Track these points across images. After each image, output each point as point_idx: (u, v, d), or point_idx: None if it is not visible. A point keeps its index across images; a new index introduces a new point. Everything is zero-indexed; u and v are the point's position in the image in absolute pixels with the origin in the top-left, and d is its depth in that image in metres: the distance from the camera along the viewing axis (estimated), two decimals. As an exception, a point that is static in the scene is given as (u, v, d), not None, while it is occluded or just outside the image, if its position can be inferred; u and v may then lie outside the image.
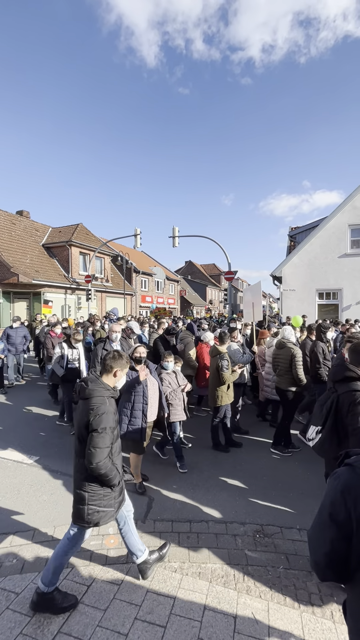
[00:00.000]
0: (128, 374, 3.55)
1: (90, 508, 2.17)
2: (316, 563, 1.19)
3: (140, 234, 18.58)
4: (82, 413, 2.16)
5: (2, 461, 4.36)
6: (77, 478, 2.23)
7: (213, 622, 2.12)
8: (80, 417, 2.17)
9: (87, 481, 2.18)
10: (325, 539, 1.13)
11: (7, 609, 2.19)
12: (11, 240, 18.51)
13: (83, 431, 2.14)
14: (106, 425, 2.12)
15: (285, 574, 2.55)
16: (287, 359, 4.60)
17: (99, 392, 2.20)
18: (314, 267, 14.56)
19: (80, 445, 2.18)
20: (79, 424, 2.18)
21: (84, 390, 2.21)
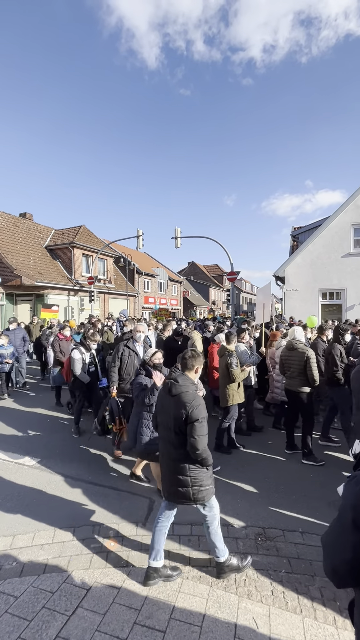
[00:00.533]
0: (145, 380, 3.51)
1: (194, 488, 2.40)
2: (334, 570, 1.15)
3: (142, 235, 18.61)
4: (176, 408, 2.36)
5: (3, 463, 4.36)
6: (174, 465, 2.44)
7: (213, 627, 2.08)
8: (174, 412, 2.37)
9: (188, 465, 2.39)
10: (346, 545, 1.08)
11: (6, 612, 2.17)
12: (14, 243, 18.62)
13: (181, 424, 2.33)
14: (204, 415, 2.36)
15: (288, 578, 2.51)
16: (300, 361, 4.49)
17: (188, 388, 2.43)
18: (317, 267, 14.48)
19: (177, 437, 2.38)
20: (174, 417, 2.36)
21: (175, 387, 2.42)
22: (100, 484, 3.85)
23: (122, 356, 4.61)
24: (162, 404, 2.56)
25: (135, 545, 2.85)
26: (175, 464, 2.43)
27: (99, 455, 4.63)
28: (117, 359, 4.59)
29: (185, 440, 2.34)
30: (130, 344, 4.71)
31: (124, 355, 4.61)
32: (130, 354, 4.64)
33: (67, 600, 2.27)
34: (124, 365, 4.59)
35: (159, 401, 2.67)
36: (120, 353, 4.61)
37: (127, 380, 4.58)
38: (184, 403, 2.34)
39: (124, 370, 4.59)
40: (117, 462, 4.41)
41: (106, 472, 4.13)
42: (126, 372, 4.59)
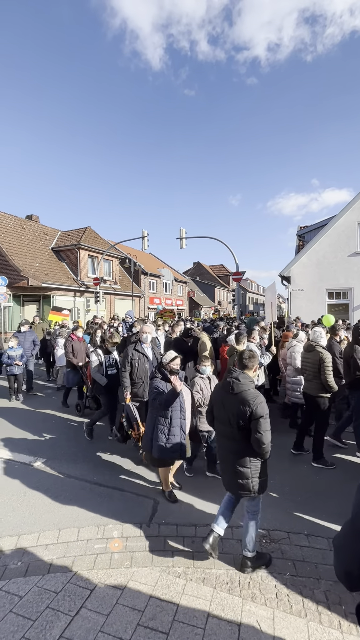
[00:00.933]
0: (161, 385, 3.40)
1: (254, 480, 2.54)
2: (348, 573, 1.14)
3: (147, 236, 18.65)
4: (239, 405, 2.49)
5: (9, 463, 4.40)
6: (234, 459, 2.57)
7: (217, 630, 2.07)
8: (237, 409, 2.50)
9: (249, 458, 2.53)
10: (356, 550, 1.09)
11: (10, 612, 2.19)
12: (21, 245, 18.81)
13: (244, 420, 2.46)
14: (267, 412, 2.48)
15: (292, 581, 2.49)
16: (315, 363, 4.36)
17: (249, 386, 2.58)
18: (323, 266, 14.34)
19: (239, 432, 2.51)
20: (237, 414, 2.49)
21: (237, 385, 2.57)
22: (105, 485, 3.86)
23: (132, 360, 4.53)
24: (222, 401, 2.67)
25: (140, 546, 2.85)
26: (235, 457, 2.57)
27: (104, 456, 4.65)
28: (127, 363, 4.52)
29: (246, 434, 2.48)
30: (139, 347, 4.64)
31: (133, 359, 4.54)
32: (140, 357, 4.58)
33: (71, 601, 2.28)
34: (134, 369, 4.52)
35: (217, 398, 2.77)
36: (130, 357, 4.54)
37: (139, 384, 4.52)
38: (247, 400, 2.47)
39: (135, 374, 4.52)
40: (122, 463, 4.42)
41: (111, 473, 4.14)
42: (138, 376, 4.52)
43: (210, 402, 2.96)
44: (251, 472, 2.54)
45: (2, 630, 2.05)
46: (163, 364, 3.54)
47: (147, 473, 4.16)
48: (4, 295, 15.48)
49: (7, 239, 18.03)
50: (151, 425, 3.45)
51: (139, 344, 4.67)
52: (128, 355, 4.55)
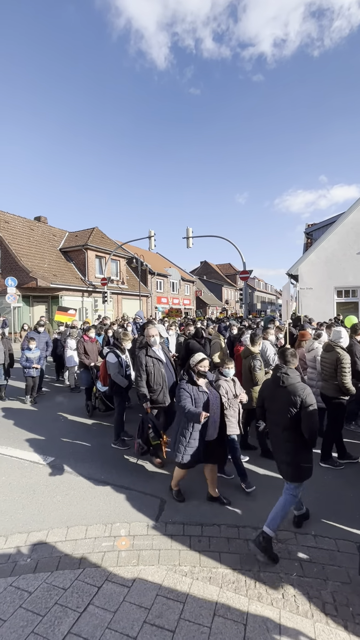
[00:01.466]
0: (188, 388, 3.30)
1: (305, 466, 2.80)
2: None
3: (154, 235, 18.70)
4: (289, 396, 2.77)
5: (18, 461, 4.48)
6: (286, 447, 2.83)
7: (223, 629, 2.08)
8: (287, 400, 2.78)
9: (300, 446, 2.79)
10: None
11: (20, 607, 2.24)
12: (30, 246, 19.07)
13: (295, 409, 2.73)
14: (315, 401, 2.76)
15: (299, 581, 2.48)
16: (332, 363, 4.24)
17: (297, 379, 2.87)
18: (332, 264, 14.16)
19: (290, 421, 2.76)
20: (288, 404, 2.76)
21: (287, 379, 2.86)
22: (113, 484, 3.90)
23: (146, 367, 4.32)
24: (273, 394, 2.94)
25: (147, 544, 2.87)
26: (287, 445, 2.83)
27: (112, 454, 4.69)
28: (142, 371, 4.31)
29: (296, 423, 2.74)
30: (150, 351, 4.44)
31: (148, 365, 4.34)
32: (154, 363, 4.37)
33: (79, 597, 2.31)
34: (151, 376, 4.31)
35: (267, 393, 3.04)
36: (145, 364, 4.32)
37: (158, 390, 4.33)
38: (297, 391, 2.75)
39: (153, 380, 4.32)
40: (129, 462, 4.46)
41: (118, 472, 4.18)
42: (155, 382, 4.32)
43: (260, 397, 3.19)
44: (300, 458, 2.79)
45: (13, 625, 2.10)
46: (190, 366, 3.42)
47: (154, 472, 4.19)
48: (13, 296, 15.73)
49: (16, 241, 18.30)
50: (177, 429, 3.38)
51: (149, 349, 4.49)
52: (142, 362, 4.34)
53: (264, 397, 3.11)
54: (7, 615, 2.18)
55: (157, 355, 4.47)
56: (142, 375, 4.30)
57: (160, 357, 4.49)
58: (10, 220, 19.54)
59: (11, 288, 15.67)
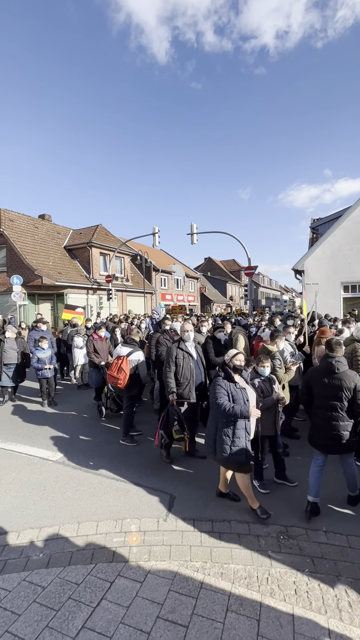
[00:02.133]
0: (224, 385, 3.19)
1: (353, 439, 3.19)
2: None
3: (158, 232, 18.64)
4: (344, 381, 3.12)
5: (28, 458, 4.51)
6: (339, 426, 3.14)
7: (236, 624, 2.08)
8: (341, 384, 3.12)
9: (349, 423, 3.16)
10: None
11: (34, 602, 2.26)
12: (34, 244, 19.12)
13: (349, 392, 3.11)
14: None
15: (311, 577, 2.47)
16: (348, 356, 4.10)
17: (347, 366, 3.23)
18: (338, 259, 14.01)
19: (342, 403, 3.14)
20: (343, 388, 3.11)
21: (340, 366, 3.18)
22: (122, 480, 3.92)
23: (176, 359, 4.29)
24: (323, 382, 3.22)
25: (158, 540, 2.88)
26: (340, 424, 3.14)
27: (120, 451, 4.71)
28: (171, 362, 4.27)
29: (348, 405, 3.13)
30: (183, 345, 4.41)
31: (178, 358, 4.30)
32: (184, 356, 4.34)
33: (91, 592, 2.33)
34: (179, 368, 4.27)
35: (318, 380, 3.27)
36: (175, 356, 4.29)
37: (184, 384, 4.28)
38: (350, 377, 3.13)
39: (180, 374, 4.27)
40: (137, 458, 4.47)
41: (127, 468, 4.20)
42: (183, 375, 4.28)
43: (307, 385, 3.41)
44: (350, 433, 3.16)
45: (27, 620, 2.12)
46: (225, 362, 3.34)
47: (162, 468, 4.20)
48: (19, 294, 15.81)
49: (21, 239, 18.35)
50: (214, 428, 3.24)
51: (182, 343, 4.45)
52: (172, 354, 4.31)
53: (312, 385, 3.35)
54: (22, 609, 2.20)
55: (189, 350, 4.44)
56: (171, 367, 4.27)
57: (191, 352, 4.47)
58: (15, 218, 19.59)
59: (17, 286, 15.74)
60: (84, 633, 2.03)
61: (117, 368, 4.81)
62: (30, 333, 7.73)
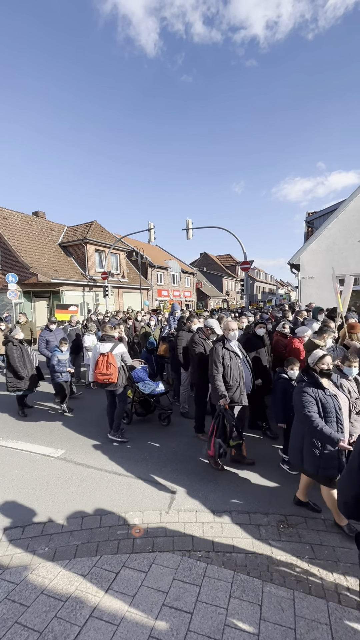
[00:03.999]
0: (312, 393, 2.92)
1: None
2: (345, 503, 1.56)
3: (153, 228, 18.58)
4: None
5: (31, 455, 4.55)
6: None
7: (239, 610, 2.15)
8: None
9: None
10: (354, 483, 1.47)
11: (42, 593, 2.31)
12: (29, 241, 18.97)
13: None
14: None
15: (311, 563, 2.55)
16: None
17: None
18: (334, 252, 14.09)
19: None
20: None
21: None
22: (123, 474, 3.97)
23: (223, 360, 4.06)
24: None
25: (160, 532, 2.94)
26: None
27: (121, 447, 4.76)
28: (218, 364, 4.05)
29: None
30: (228, 345, 4.18)
31: (225, 358, 4.08)
32: (231, 357, 4.12)
33: (97, 583, 2.39)
34: (227, 370, 4.06)
35: None
36: (221, 357, 4.07)
37: (234, 387, 4.07)
38: None
39: (229, 376, 4.06)
40: (138, 454, 4.53)
41: (128, 463, 4.25)
42: (232, 377, 4.07)
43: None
44: None
45: (36, 610, 2.17)
46: (310, 366, 3.08)
47: (164, 462, 4.26)
48: (14, 292, 15.72)
49: (15, 236, 18.20)
50: (300, 437, 3.01)
51: (227, 342, 4.21)
52: (218, 354, 4.09)
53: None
54: (30, 601, 2.25)
55: (235, 349, 4.23)
56: (218, 369, 4.05)
57: (237, 352, 4.25)
58: (9, 215, 19.40)
59: (12, 284, 15.64)
60: (91, 622, 2.09)
61: (105, 365, 4.83)
62: (41, 333, 7.36)
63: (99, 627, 2.06)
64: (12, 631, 2.04)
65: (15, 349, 5.98)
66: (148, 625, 2.06)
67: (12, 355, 5.88)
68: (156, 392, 5.45)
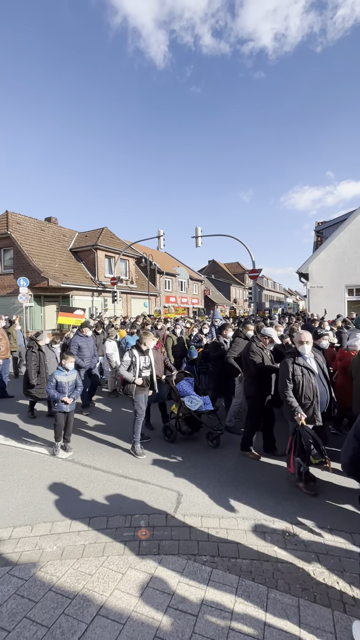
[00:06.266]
0: None
1: None
2: (344, 464, 2.04)
3: (163, 235, 18.81)
4: None
5: (39, 456, 4.63)
6: None
7: (244, 614, 2.17)
8: None
9: None
10: (349, 449, 1.97)
11: (50, 590, 2.36)
12: (41, 246, 19.37)
13: None
14: None
15: (316, 572, 2.55)
16: None
17: None
18: (343, 262, 14.08)
19: None
20: None
21: None
22: (129, 477, 4.02)
23: (294, 376, 3.76)
24: None
25: (166, 535, 2.97)
26: None
27: (128, 450, 4.80)
28: (288, 380, 3.76)
29: None
30: (300, 360, 3.82)
31: (296, 374, 3.75)
32: (303, 372, 3.76)
33: (104, 583, 2.42)
34: (298, 386, 3.73)
35: None
36: (291, 373, 3.76)
37: (306, 405, 3.74)
38: None
39: (300, 393, 3.73)
40: (145, 457, 4.56)
41: (134, 466, 4.30)
42: (304, 395, 3.73)
43: None
44: None
45: (44, 607, 2.22)
46: None
47: (170, 467, 4.29)
48: (25, 295, 16.02)
49: (27, 241, 18.61)
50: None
51: (298, 357, 3.86)
52: (289, 370, 3.78)
53: None
54: (39, 597, 2.30)
55: (308, 364, 3.84)
56: (288, 385, 3.77)
57: (312, 368, 3.85)
58: (22, 221, 19.87)
59: (23, 288, 15.96)
60: (98, 619, 2.13)
61: None
62: (74, 338, 6.67)
63: (106, 625, 2.09)
64: (22, 625, 2.09)
65: (34, 355, 5.83)
66: (153, 625, 2.09)
67: (30, 361, 5.81)
68: (204, 409, 4.90)
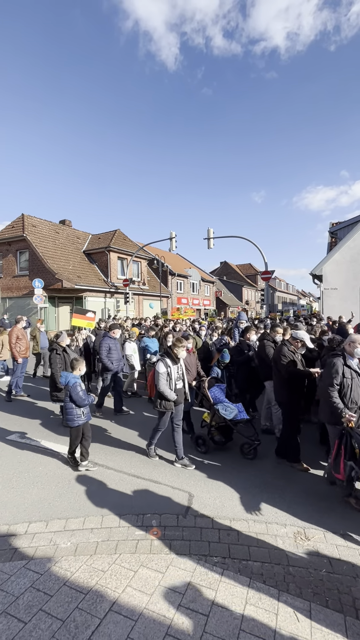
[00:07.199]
0: None
1: None
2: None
3: (175, 237, 18.90)
4: None
5: (54, 454, 4.74)
6: None
7: (254, 617, 2.17)
8: None
9: None
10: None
11: (64, 585, 2.43)
12: (55, 249, 19.76)
13: None
14: None
15: (328, 577, 2.53)
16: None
17: None
18: (358, 263, 13.83)
19: None
20: None
21: None
22: (142, 477, 4.06)
23: (344, 379, 3.58)
24: None
25: (177, 535, 3.00)
26: None
27: (141, 450, 4.85)
28: (335, 382, 3.58)
29: None
30: (349, 362, 3.65)
31: (345, 377, 3.58)
32: (352, 375, 3.59)
33: (117, 580, 2.47)
34: (346, 390, 3.56)
35: None
36: (342, 375, 3.58)
37: (354, 409, 3.55)
38: None
39: (348, 397, 3.54)
40: (156, 457, 4.61)
41: (147, 466, 4.34)
42: (351, 400, 3.54)
43: None
44: None
45: (59, 600, 2.29)
46: None
47: (182, 469, 4.32)
48: (40, 297, 16.37)
49: (42, 244, 19.01)
50: None
51: (348, 357, 3.67)
52: (338, 371, 3.60)
53: None
54: (53, 591, 2.37)
55: (357, 368, 3.69)
56: (335, 386, 3.59)
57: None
58: (38, 224, 20.32)
59: (38, 289, 16.33)
60: (111, 615, 2.18)
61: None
62: (104, 340, 6.37)
63: (118, 620, 2.14)
64: (37, 617, 2.16)
65: (59, 357, 5.62)
66: (165, 623, 2.12)
67: (55, 364, 5.58)
68: (239, 417, 4.61)
